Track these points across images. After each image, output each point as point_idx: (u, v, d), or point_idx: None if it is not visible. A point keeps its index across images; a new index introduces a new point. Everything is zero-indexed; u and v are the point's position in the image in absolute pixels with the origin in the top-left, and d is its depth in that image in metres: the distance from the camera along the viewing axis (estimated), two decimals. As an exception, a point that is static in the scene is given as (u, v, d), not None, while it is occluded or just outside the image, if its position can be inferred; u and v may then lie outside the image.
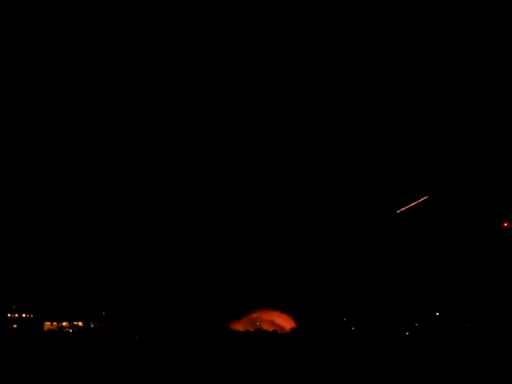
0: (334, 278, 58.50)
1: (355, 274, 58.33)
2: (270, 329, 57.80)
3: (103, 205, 59.39)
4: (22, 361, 35.28)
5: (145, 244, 59.10)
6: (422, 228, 56.61)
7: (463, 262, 54.79)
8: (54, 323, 59.59)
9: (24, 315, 58.61)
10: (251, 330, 57.63)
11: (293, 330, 57.98)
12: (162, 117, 58.87)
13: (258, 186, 59.12)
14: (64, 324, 59.82)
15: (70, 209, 58.81)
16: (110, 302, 59.32)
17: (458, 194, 55.16)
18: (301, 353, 41.14)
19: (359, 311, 58.08)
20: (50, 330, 58.94)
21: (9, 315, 58.11)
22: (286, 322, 58.92)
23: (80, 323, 59.77)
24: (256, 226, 58.99)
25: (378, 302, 57.53)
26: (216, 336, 53.64)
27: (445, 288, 55.25)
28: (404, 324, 55.72)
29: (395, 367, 31.21)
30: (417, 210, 57.01)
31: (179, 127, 58.79)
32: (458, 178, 55.09)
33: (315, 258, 58.79)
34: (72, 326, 59.77)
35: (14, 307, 58.19)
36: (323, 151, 58.94)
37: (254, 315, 59.40)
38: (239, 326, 58.72)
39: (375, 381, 27.17)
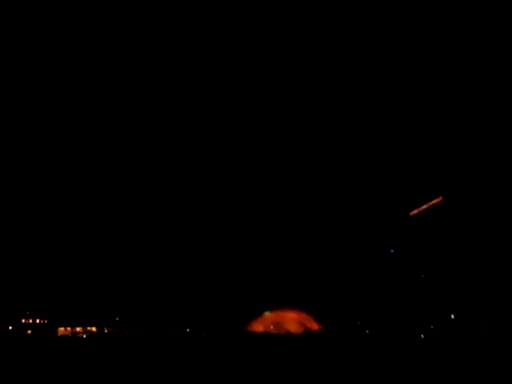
0: (349, 280, 58.53)
1: (369, 276, 58.37)
2: (294, 328, 57.74)
3: (113, 212, 59.59)
4: (36, 366, 35.12)
5: (158, 249, 59.36)
6: (436, 230, 56.25)
7: (477, 264, 54.31)
8: (68, 328, 59.56)
9: (38, 321, 58.68)
10: (269, 330, 57.51)
11: (317, 330, 57.63)
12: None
13: (276, 185, 59.48)
14: (78, 329, 59.79)
15: (82, 216, 59.13)
16: (124, 308, 59.35)
17: (471, 196, 54.74)
18: (315, 354, 41.05)
19: (374, 313, 57.84)
20: (63, 336, 58.88)
21: (23, 321, 58.14)
22: (307, 321, 58.89)
23: (94, 328, 59.78)
24: (275, 227, 59.31)
25: (392, 305, 57.22)
26: (233, 338, 53.20)
27: (459, 290, 54.79)
28: (419, 326, 55.24)
29: (409, 369, 31.06)
30: (430, 212, 56.72)
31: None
32: (471, 180, 54.70)
33: (331, 260, 58.94)
34: (86, 332, 59.70)
35: (28, 313, 58.33)
36: (335, 153, 59.22)
37: (272, 315, 59.53)
38: (257, 327, 58.50)
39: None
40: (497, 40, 52.94)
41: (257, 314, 59.57)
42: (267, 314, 59.97)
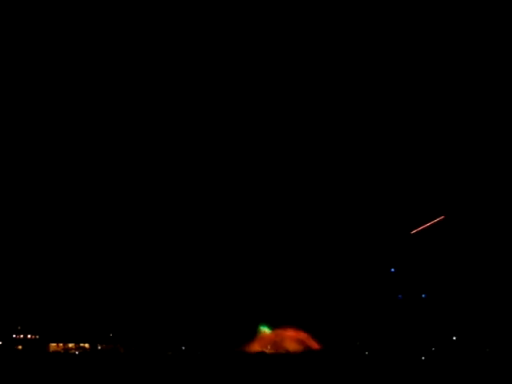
0: (348, 299, 57.76)
1: (369, 295, 57.69)
2: (292, 347, 57.02)
3: (109, 218, 58.92)
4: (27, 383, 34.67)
5: (153, 264, 58.31)
6: (437, 249, 55.85)
7: (479, 284, 53.96)
8: (60, 344, 58.49)
9: (29, 336, 57.66)
10: (268, 350, 56.86)
11: (316, 349, 56.91)
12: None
13: (276, 196, 58.91)
14: (70, 345, 58.67)
15: (75, 225, 58.38)
16: (118, 324, 58.15)
17: (473, 215, 54.41)
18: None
19: (373, 333, 57.12)
20: (55, 352, 57.72)
21: (14, 336, 57.17)
22: (305, 340, 57.98)
23: (86, 345, 58.55)
24: (274, 243, 58.54)
25: (392, 325, 56.56)
26: (230, 357, 52.35)
27: (461, 310, 54.29)
28: (420, 348, 54.63)
29: None
30: (432, 230, 56.32)
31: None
32: (474, 199, 54.43)
33: (330, 278, 58.13)
34: (78, 348, 58.51)
35: (19, 328, 57.29)
36: (335, 164, 58.68)
37: (271, 334, 58.80)
38: (256, 346, 57.76)
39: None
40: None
41: (255, 332, 58.71)
42: (265, 332, 59.19)
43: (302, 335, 57.44)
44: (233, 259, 58.21)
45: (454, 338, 54.79)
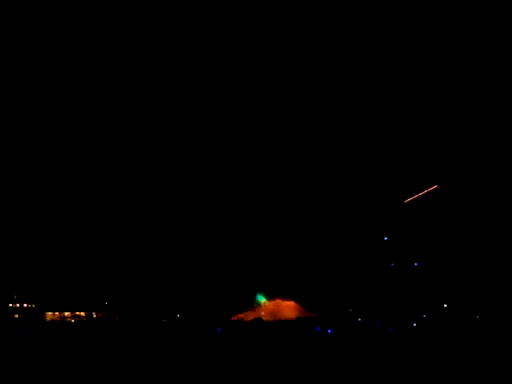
0: (341, 268, 58.00)
1: (361, 266, 57.95)
2: (290, 315, 57.62)
3: (102, 198, 59.27)
4: (24, 352, 34.92)
5: (148, 235, 58.67)
6: (430, 219, 55.84)
7: (472, 255, 54.21)
8: (56, 313, 59.04)
9: (25, 305, 58.13)
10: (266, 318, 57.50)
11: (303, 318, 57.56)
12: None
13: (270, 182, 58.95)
14: (66, 314, 59.30)
15: (71, 203, 58.75)
16: (113, 292, 58.67)
17: (467, 184, 54.45)
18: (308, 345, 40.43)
19: (366, 303, 57.51)
20: (52, 321, 58.33)
21: (10, 305, 57.59)
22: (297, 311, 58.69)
23: (82, 313, 59.21)
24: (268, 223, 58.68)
25: (385, 295, 56.94)
26: (227, 325, 52.81)
27: (452, 280, 54.65)
28: (411, 316, 55.05)
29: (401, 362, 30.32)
30: (425, 200, 56.27)
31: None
32: (468, 168, 54.39)
33: (320, 250, 58.37)
34: (74, 316, 59.18)
35: (15, 297, 57.70)
36: (327, 140, 58.59)
37: (269, 304, 59.44)
38: (253, 315, 58.35)
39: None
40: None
41: (251, 302, 59.38)
42: (263, 302, 59.73)
43: (298, 306, 58.24)
44: (229, 237, 58.87)
45: (445, 306, 55.11)
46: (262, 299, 59.91)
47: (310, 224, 58.30)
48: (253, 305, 59.43)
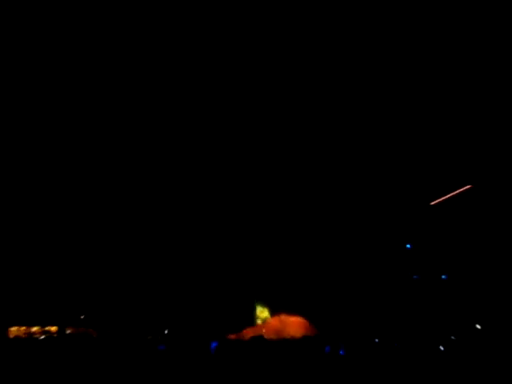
0: (354, 282, 54.15)
1: (380, 279, 53.91)
2: (296, 332, 52.70)
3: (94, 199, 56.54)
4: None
5: (134, 237, 54.72)
6: (462, 225, 50.79)
7: (508, 265, 49.13)
8: (22, 328, 52.95)
9: (-14, 319, 51.73)
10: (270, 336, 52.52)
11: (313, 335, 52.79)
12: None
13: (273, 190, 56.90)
14: (34, 329, 53.27)
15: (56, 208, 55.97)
16: (90, 304, 53.71)
17: (505, 186, 49.84)
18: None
19: (384, 321, 52.65)
20: (16, 337, 51.43)
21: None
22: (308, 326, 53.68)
23: (53, 328, 53.42)
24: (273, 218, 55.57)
25: (407, 312, 52.03)
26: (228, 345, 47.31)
27: (488, 297, 49.48)
28: (437, 337, 49.84)
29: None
30: (456, 201, 51.15)
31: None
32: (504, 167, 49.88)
33: (332, 258, 54.67)
34: (44, 332, 52.92)
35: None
36: (338, 138, 55.10)
37: (273, 320, 54.65)
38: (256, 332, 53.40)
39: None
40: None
41: (252, 317, 55.10)
42: (265, 317, 55.58)
43: (306, 322, 53.83)
44: (231, 245, 55.68)
45: (479, 327, 49.69)
46: (263, 314, 55.90)
47: (321, 228, 54.67)
48: (253, 321, 54.98)
